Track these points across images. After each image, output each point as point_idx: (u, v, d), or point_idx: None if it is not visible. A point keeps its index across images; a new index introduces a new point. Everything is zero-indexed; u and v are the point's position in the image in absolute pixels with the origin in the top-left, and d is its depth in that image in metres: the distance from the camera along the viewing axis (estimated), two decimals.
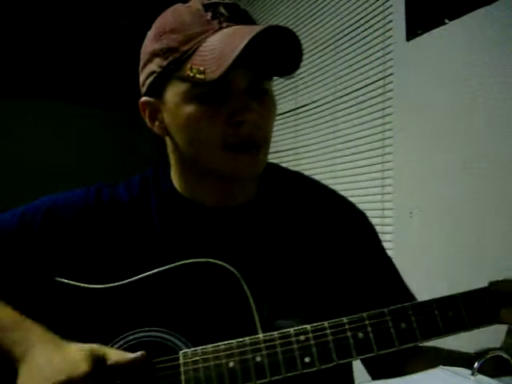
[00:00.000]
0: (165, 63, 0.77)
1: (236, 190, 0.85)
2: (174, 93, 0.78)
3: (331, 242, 0.87)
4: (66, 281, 0.81)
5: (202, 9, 0.78)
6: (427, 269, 1.69)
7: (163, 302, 0.76)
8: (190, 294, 0.76)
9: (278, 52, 0.77)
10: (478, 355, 0.67)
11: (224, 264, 0.75)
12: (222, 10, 0.78)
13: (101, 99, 3.41)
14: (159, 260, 0.79)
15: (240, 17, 0.79)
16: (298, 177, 0.95)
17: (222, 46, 0.73)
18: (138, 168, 0.93)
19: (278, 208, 0.87)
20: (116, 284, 0.79)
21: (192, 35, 0.76)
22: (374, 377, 0.87)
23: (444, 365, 0.67)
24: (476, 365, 0.64)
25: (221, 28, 0.76)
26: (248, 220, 0.85)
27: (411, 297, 0.89)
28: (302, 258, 0.84)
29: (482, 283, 0.73)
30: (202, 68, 0.73)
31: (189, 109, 0.77)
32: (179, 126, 0.79)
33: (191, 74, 0.74)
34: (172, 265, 0.77)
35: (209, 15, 0.77)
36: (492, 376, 0.64)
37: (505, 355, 0.66)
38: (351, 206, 0.94)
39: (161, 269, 0.77)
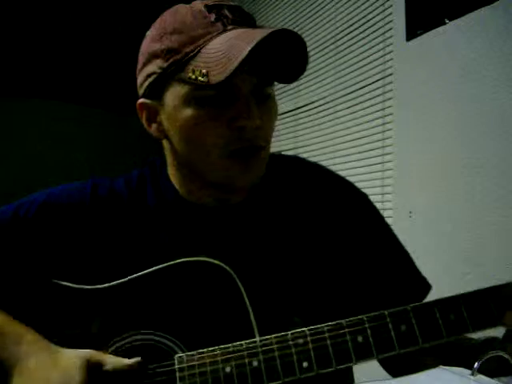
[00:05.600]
0: (165, 64, 0.75)
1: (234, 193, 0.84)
2: (174, 95, 0.76)
3: (335, 231, 0.85)
4: (58, 282, 0.79)
5: (204, 10, 0.76)
6: (426, 269, 1.68)
7: (157, 303, 0.75)
8: (184, 295, 0.75)
9: (284, 57, 0.75)
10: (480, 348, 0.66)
11: (218, 262, 0.74)
12: (226, 13, 0.76)
13: (100, 99, 3.41)
14: (155, 259, 0.77)
15: (244, 20, 0.77)
16: (296, 163, 0.93)
17: (226, 49, 0.71)
18: (136, 168, 0.92)
19: (275, 202, 0.86)
20: (108, 285, 0.77)
21: (195, 36, 0.74)
22: (389, 370, 0.86)
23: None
24: (476, 365, 0.64)
25: (225, 30, 0.74)
26: (245, 218, 0.84)
27: (422, 280, 0.89)
28: (303, 254, 0.83)
29: (482, 283, 0.72)
30: (204, 70, 0.71)
31: (189, 112, 0.75)
32: (178, 129, 0.77)
33: (193, 77, 0.72)
34: (165, 264, 0.75)
35: (212, 17, 0.75)
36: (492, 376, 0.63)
37: (505, 355, 0.66)
38: (352, 188, 0.92)
39: (153, 268, 0.75)
